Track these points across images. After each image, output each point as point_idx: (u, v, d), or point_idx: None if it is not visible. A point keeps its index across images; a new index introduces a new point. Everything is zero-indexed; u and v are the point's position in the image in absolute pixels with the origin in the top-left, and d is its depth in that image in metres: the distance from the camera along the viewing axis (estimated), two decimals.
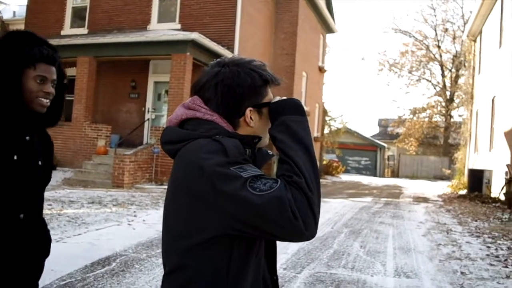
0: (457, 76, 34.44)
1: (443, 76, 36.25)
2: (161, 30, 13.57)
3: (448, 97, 35.26)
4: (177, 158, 1.23)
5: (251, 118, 1.25)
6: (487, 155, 14.93)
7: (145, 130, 13.78)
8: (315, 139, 21.30)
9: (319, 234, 6.66)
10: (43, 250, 1.80)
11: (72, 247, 4.95)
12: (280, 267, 4.70)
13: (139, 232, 6.03)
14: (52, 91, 1.69)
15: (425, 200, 14.08)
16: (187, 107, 1.27)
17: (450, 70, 35.62)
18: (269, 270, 1.33)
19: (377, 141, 38.71)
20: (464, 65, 25.20)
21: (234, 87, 1.23)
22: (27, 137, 1.70)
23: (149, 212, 7.60)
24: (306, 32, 18.67)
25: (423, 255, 5.72)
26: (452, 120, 35.06)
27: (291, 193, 1.07)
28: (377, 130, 46.31)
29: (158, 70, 14.13)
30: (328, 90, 38.54)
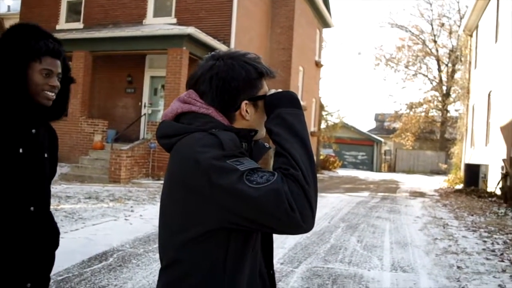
0: (453, 71, 34.49)
1: (440, 70, 36.28)
2: (157, 24, 13.51)
3: (444, 91, 35.30)
4: (173, 152, 1.22)
5: (246, 111, 1.25)
6: (483, 149, 14.97)
7: (141, 125, 13.75)
8: (312, 134, 21.31)
9: (316, 228, 6.67)
10: (53, 242, 1.83)
11: (69, 242, 4.93)
12: (277, 262, 4.70)
13: (136, 227, 6.02)
14: (57, 85, 1.71)
15: (421, 194, 14.12)
16: (183, 101, 1.26)
17: (447, 65, 35.66)
18: (265, 264, 1.32)
19: (374, 135, 38.74)
20: (461, 59, 25.27)
21: (229, 80, 1.22)
22: (33, 130, 1.71)
23: (146, 207, 7.60)
24: (302, 26, 18.63)
25: (419, 250, 5.73)
26: (448, 114, 35.14)
27: (288, 185, 1.06)
28: (373, 124, 46.37)
29: (155, 64, 14.08)
30: (325, 85, 38.50)
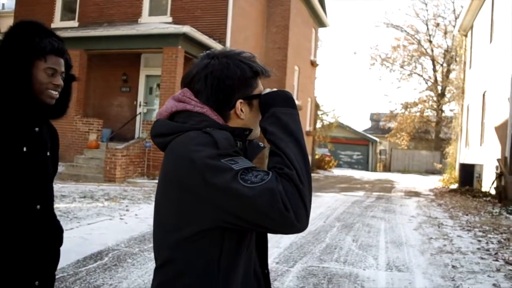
0: (448, 71, 34.62)
1: (435, 70, 36.40)
2: (152, 23, 13.47)
3: (439, 91, 35.43)
4: (167, 151, 1.21)
5: (241, 110, 1.24)
6: (478, 149, 15.03)
7: (136, 124, 13.71)
8: (307, 134, 21.33)
9: (311, 228, 6.68)
10: (58, 240, 1.84)
11: (64, 242, 4.91)
12: (272, 261, 4.70)
13: (131, 227, 6.01)
14: (61, 83, 1.71)
15: (416, 194, 14.16)
16: (177, 100, 1.26)
17: (442, 65, 35.79)
18: (260, 264, 1.32)
19: (369, 135, 38.83)
20: (455, 59, 25.36)
21: (223, 79, 1.21)
22: (36, 128, 1.72)
23: (141, 207, 7.58)
24: (298, 26, 18.63)
25: (414, 249, 5.75)
26: (443, 114, 35.28)
27: (282, 185, 1.06)
28: (369, 124, 46.46)
29: (150, 63, 14.04)
30: (321, 85, 38.64)
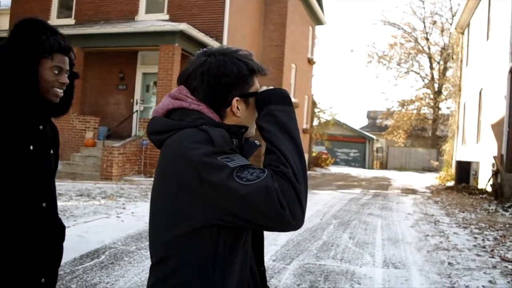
0: (445, 69, 34.66)
1: (431, 68, 36.45)
2: (149, 20, 13.44)
3: (436, 89, 35.49)
4: (163, 149, 1.21)
5: (237, 108, 1.24)
6: (475, 147, 15.07)
7: (133, 122, 13.67)
8: (304, 131, 21.34)
9: (308, 225, 6.69)
10: (61, 237, 1.85)
11: None
12: (269, 259, 4.71)
13: (128, 225, 6.00)
14: (67, 81, 1.73)
15: (413, 191, 14.20)
16: (174, 97, 1.26)
17: (438, 63, 35.81)
18: (256, 261, 1.32)
19: (366, 133, 38.89)
20: (452, 57, 25.40)
21: (220, 76, 1.21)
22: (40, 126, 1.73)
23: (138, 205, 7.57)
24: (295, 23, 18.62)
25: (411, 246, 5.76)
26: (440, 112, 35.31)
27: (278, 183, 1.06)
28: (366, 122, 46.51)
29: (147, 61, 14.01)
30: (317, 82, 38.59)
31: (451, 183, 15.84)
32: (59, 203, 7.19)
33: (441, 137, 31.43)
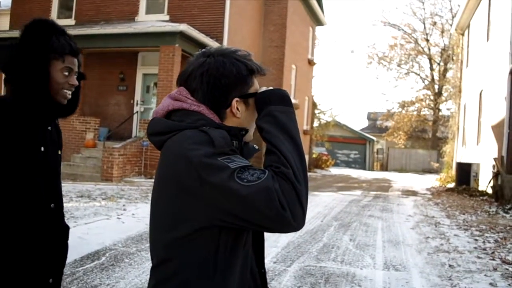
0: (445, 70, 34.66)
1: (432, 69, 36.44)
2: (149, 21, 13.44)
3: (436, 90, 35.48)
4: (163, 150, 1.21)
5: (237, 108, 1.24)
6: (475, 148, 15.06)
7: (134, 123, 13.67)
8: (305, 132, 21.34)
9: (308, 227, 6.68)
10: (66, 237, 1.86)
11: None
12: (270, 261, 4.70)
13: (129, 226, 5.99)
14: (76, 83, 1.74)
15: (413, 193, 14.19)
16: (174, 98, 1.25)
17: (439, 64, 35.81)
18: (257, 263, 1.31)
19: (366, 134, 38.88)
20: (452, 58, 25.39)
21: (219, 77, 1.21)
22: (49, 127, 1.75)
23: (138, 206, 7.56)
24: (295, 24, 18.63)
25: (411, 248, 5.75)
26: (440, 113, 35.30)
27: (279, 183, 1.06)
28: (366, 123, 46.52)
29: (147, 62, 14.02)
30: (318, 83, 38.59)
31: (452, 185, 15.83)
32: None
33: (441, 138, 31.44)
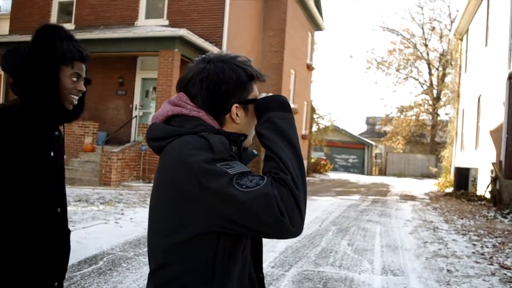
0: (444, 75, 34.74)
1: (430, 74, 36.54)
2: (148, 26, 13.46)
3: (435, 95, 35.56)
4: (162, 155, 1.21)
5: (237, 114, 1.24)
6: (473, 153, 15.08)
7: (132, 127, 13.66)
8: (303, 137, 21.35)
9: (307, 232, 6.67)
10: (69, 241, 1.88)
11: None
12: (268, 265, 4.69)
13: (127, 231, 5.98)
14: (84, 89, 1.76)
15: (412, 198, 14.19)
16: (173, 104, 1.26)
17: (437, 69, 35.92)
18: (255, 268, 1.32)
19: (364, 139, 38.90)
20: (451, 63, 25.41)
21: (219, 83, 1.22)
22: (56, 132, 1.77)
23: (136, 210, 7.55)
24: (294, 29, 18.68)
25: (410, 253, 5.75)
26: (439, 118, 35.37)
27: (278, 190, 1.07)
28: (364, 128, 46.55)
29: (146, 66, 14.03)
30: (317, 88, 38.60)
31: (450, 190, 15.83)
32: None
33: (440, 143, 31.44)
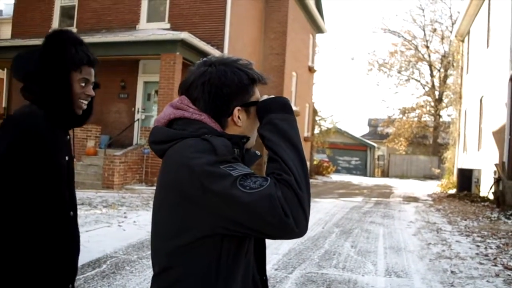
0: (445, 76, 34.71)
1: (432, 76, 36.49)
2: (150, 29, 13.49)
3: (437, 97, 35.50)
4: (165, 158, 1.21)
5: (239, 117, 1.25)
6: (476, 154, 15.05)
7: (135, 130, 13.69)
8: (306, 139, 21.34)
9: (310, 234, 6.67)
10: (79, 244, 1.90)
11: None
12: (271, 268, 4.69)
13: (130, 234, 5.98)
14: (93, 93, 1.78)
15: (415, 199, 14.16)
16: (175, 107, 1.26)
17: (439, 70, 35.86)
18: (258, 270, 1.32)
19: (367, 141, 38.88)
20: (453, 65, 25.43)
21: (221, 86, 1.22)
22: (67, 137, 1.79)
23: (139, 213, 7.55)
24: (295, 31, 18.69)
25: (413, 255, 5.74)
26: (441, 120, 35.31)
27: (281, 191, 1.07)
28: (367, 130, 46.52)
29: (148, 70, 14.06)
30: (318, 90, 38.64)
31: (453, 191, 15.80)
32: None
33: (442, 144, 31.39)
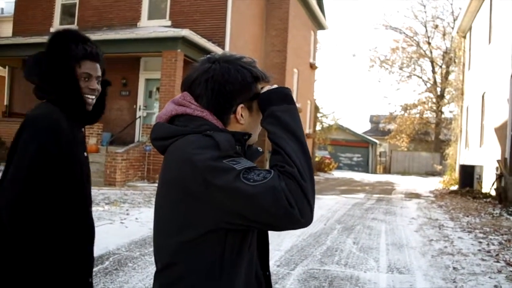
0: (447, 73, 34.63)
1: (434, 72, 36.43)
2: (151, 27, 13.48)
3: (438, 93, 35.43)
4: (167, 155, 1.22)
5: (241, 115, 1.25)
6: (478, 151, 15.03)
7: (136, 127, 13.70)
8: (307, 136, 21.33)
9: (312, 230, 6.67)
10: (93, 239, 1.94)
11: None
12: (273, 264, 4.70)
13: (132, 231, 5.99)
14: (97, 87, 1.80)
15: (417, 196, 14.15)
16: (177, 103, 1.26)
17: (441, 67, 35.80)
18: (261, 266, 1.32)
19: (368, 137, 38.82)
20: (454, 61, 25.35)
21: (224, 84, 1.22)
22: (82, 133, 1.83)
23: (141, 210, 7.56)
24: (297, 28, 18.66)
25: (415, 251, 5.74)
26: (443, 116, 35.27)
27: (285, 182, 1.07)
28: (368, 126, 46.49)
29: (149, 67, 14.05)
30: (320, 87, 38.60)
31: (455, 187, 15.79)
32: None
33: (444, 141, 31.36)
